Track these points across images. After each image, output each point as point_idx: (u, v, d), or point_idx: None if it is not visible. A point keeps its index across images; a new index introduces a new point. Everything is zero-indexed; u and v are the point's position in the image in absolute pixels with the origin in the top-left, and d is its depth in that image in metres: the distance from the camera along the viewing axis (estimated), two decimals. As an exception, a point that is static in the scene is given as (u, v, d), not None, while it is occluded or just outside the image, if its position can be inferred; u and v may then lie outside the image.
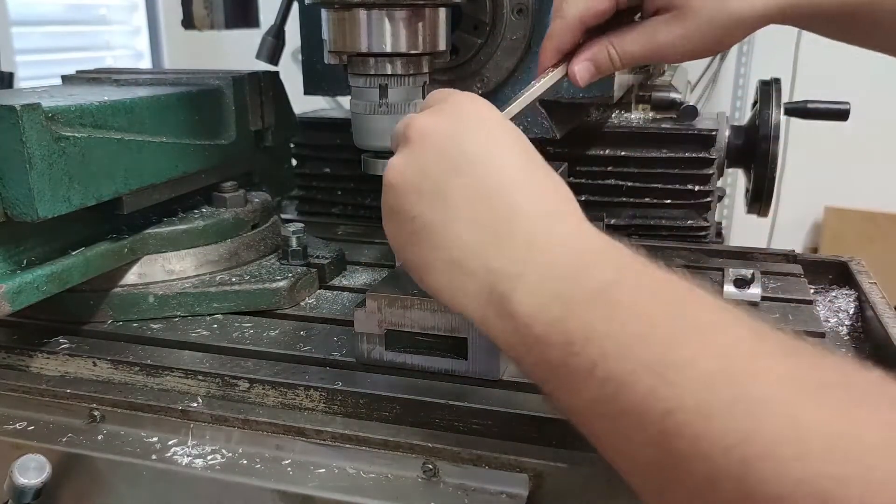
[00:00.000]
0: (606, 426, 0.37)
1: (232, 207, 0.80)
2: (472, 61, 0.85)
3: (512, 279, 0.42)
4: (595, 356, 0.36)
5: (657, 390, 0.34)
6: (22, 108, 0.57)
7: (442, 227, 0.45)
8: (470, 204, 0.44)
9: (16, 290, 0.59)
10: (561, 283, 0.40)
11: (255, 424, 0.57)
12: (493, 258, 0.43)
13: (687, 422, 0.32)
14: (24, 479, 0.52)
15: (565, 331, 0.38)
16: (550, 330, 0.39)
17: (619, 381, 0.35)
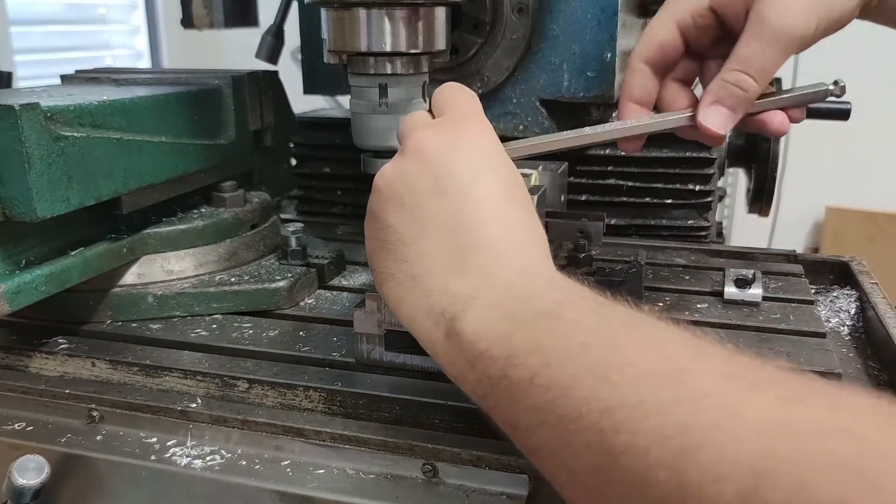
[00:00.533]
0: (545, 434, 0.37)
1: (231, 207, 0.80)
2: (472, 61, 0.85)
3: (465, 301, 0.43)
4: (536, 366, 0.37)
5: (597, 391, 0.34)
6: (21, 108, 0.57)
7: (411, 242, 0.47)
8: (442, 227, 0.46)
9: (14, 290, 0.59)
10: (510, 305, 0.41)
11: (255, 425, 0.57)
12: (451, 280, 0.44)
13: (626, 418, 0.33)
14: (22, 480, 0.52)
15: (509, 345, 0.39)
16: (494, 346, 0.40)
17: (560, 386, 0.36)
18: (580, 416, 0.34)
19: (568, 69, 0.84)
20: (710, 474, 0.29)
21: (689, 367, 0.34)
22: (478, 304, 0.42)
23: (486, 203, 0.46)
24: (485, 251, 0.45)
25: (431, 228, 0.46)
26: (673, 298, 0.76)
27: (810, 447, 0.28)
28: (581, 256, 0.72)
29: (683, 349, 0.35)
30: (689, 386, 0.32)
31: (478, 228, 0.45)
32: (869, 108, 1.64)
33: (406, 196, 0.48)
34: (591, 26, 0.82)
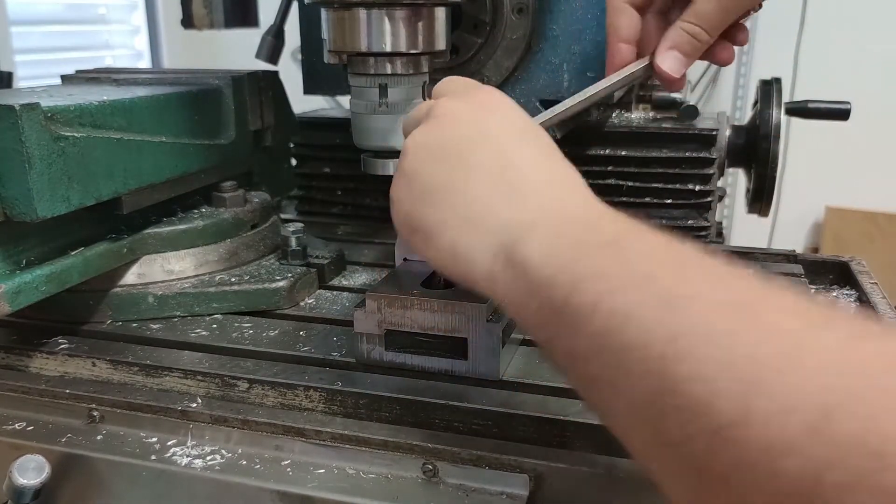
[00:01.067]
0: (605, 362, 0.36)
1: (231, 207, 0.80)
2: (472, 61, 0.85)
3: (525, 228, 0.43)
4: (601, 293, 0.37)
5: (662, 319, 0.33)
6: (21, 108, 0.57)
7: (458, 188, 0.47)
8: (487, 171, 0.47)
9: (15, 290, 0.59)
10: (574, 232, 0.41)
11: (255, 425, 0.57)
12: (509, 213, 0.44)
13: (691, 346, 0.32)
14: (23, 480, 0.52)
15: (573, 272, 0.39)
16: (558, 272, 0.39)
17: (624, 313, 0.35)
18: (643, 344, 0.34)
19: (568, 69, 0.84)
20: (776, 405, 0.28)
21: (758, 301, 0.33)
22: (540, 230, 0.42)
23: (524, 154, 0.48)
24: (538, 185, 0.45)
25: (478, 172, 0.47)
26: (673, 298, 0.76)
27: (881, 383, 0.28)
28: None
29: (753, 285, 0.34)
30: (758, 319, 0.32)
31: (525, 168, 0.46)
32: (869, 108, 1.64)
33: (444, 151, 0.49)
34: (591, 26, 0.82)
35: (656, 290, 0.35)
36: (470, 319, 0.58)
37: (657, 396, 0.33)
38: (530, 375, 0.60)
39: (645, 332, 0.34)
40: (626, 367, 0.34)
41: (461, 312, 0.58)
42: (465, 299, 0.58)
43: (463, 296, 0.59)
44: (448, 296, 0.60)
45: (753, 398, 0.29)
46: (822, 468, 0.26)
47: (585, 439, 0.53)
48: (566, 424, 0.54)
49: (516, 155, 0.47)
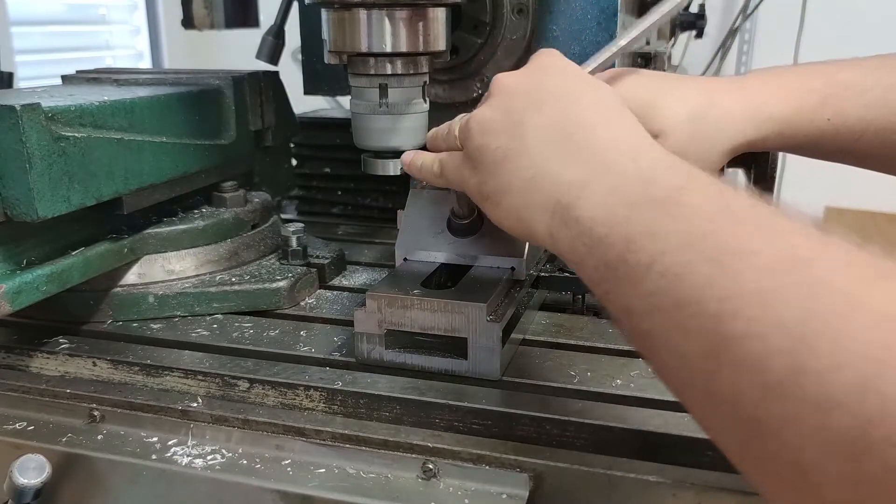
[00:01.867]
0: (659, 319, 0.37)
1: (232, 207, 0.80)
2: (472, 61, 0.85)
3: (578, 188, 0.44)
4: (655, 251, 0.37)
5: (715, 278, 0.34)
6: (22, 108, 0.57)
7: (521, 153, 0.49)
8: (546, 131, 0.49)
9: (16, 290, 0.59)
10: (627, 190, 0.42)
11: (255, 424, 0.57)
12: (562, 173, 0.46)
13: (744, 305, 0.33)
14: (23, 479, 0.52)
15: (627, 231, 0.40)
16: (612, 231, 0.41)
17: (678, 272, 0.36)
18: (697, 301, 0.34)
19: (568, 69, 0.84)
20: (827, 361, 0.29)
21: (811, 256, 0.33)
22: (593, 189, 0.43)
23: (585, 108, 0.49)
24: (594, 141, 0.46)
25: (538, 136, 0.49)
26: (673, 298, 0.76)
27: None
28: (581, 256, 0.72)
29: (807, 238, 0.34)
30: (811, 274, 0.32)
31: (585, 125, 0.48)
32: (869, 108, 1.64)
33: (507, 120, 0.51)
34: (591, 26, 0.82)
35: (709, 248, 0.35)
36: (470, 319, 0.58)
37: (710, 353, 0.33)
38: (530, 375, 0.60)
39: (698, 291, 0.34)
40: (681, 325, 0.35)
41: (461, 312, 0.58)
42: (465, 299, 0.58)
43: (463, 296, 0.59)
44: (448, 296, 0.60)
45: (804, 355, 0.30)
46: (871, 422, 0.27)
47: (585, 439, 0.53)
48: (566, 424, 0.54)
49: (575, 114, 0.49)
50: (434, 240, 0.67)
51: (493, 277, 0.63)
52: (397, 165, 0.72)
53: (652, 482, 0.48)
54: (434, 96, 0.86)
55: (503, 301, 0.62)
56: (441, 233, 0.67)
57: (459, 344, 0.59)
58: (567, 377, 0.59)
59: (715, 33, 2.38)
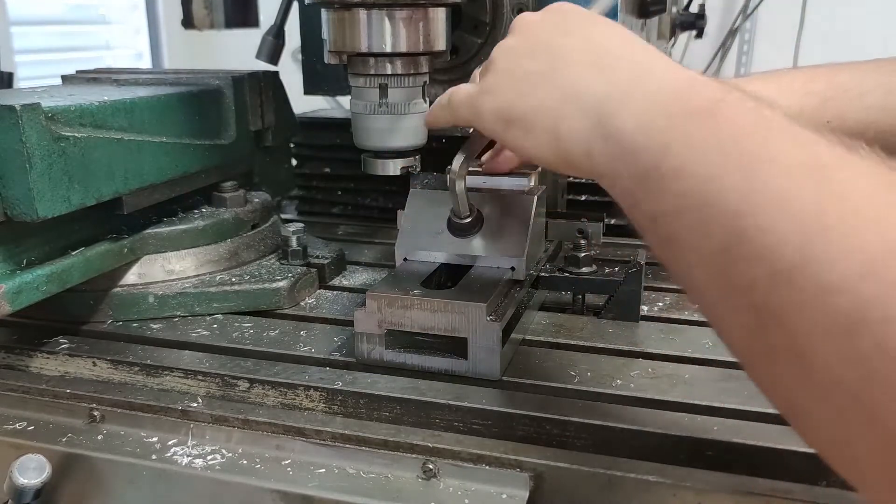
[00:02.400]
0: (684, 220, 0.39)
1: (232, 207, 0.80)
2: (472, 61, 0.85)
3: (619, 101, 0.45)
4: (688, 157, 0.39)
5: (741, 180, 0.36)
6: (22, 108, 0.57)
7: (554, 72, 0.50)
8: (579, 55, 0.49)
9: (16, 290, 0.59)
10: (667, 101, 0.43)
11: (255, 424, 0.57)
12: (601, 87, 0.47)
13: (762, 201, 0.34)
14: (23, 479, 0.52)
15: (663, 139, 0.41)
16: (649, 140, 0.42)
17: (707, 175, 0.38)
18: (720, 201, 0.36)
19: (568, 69, 0.84)
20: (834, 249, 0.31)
21: (834, 165, 0.35)
22: (634, 100, 0.44)
23: (611, 35, 0.50)
24: (629, 60, 0.47)
25: (572, 57, 0.49)
26: (672, 298, 0.76)
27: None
28: (581, 256, 0.72)
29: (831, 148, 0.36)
30: (830, 179, 0.34)
31: (617, 48, 0.49)
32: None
33: (535, 46, 0.52)
34: (590, 27, 0.82)
35: (738, 154, 0.37)
36: (470, 319, 0.58)
37: (727, 247, 0.36)
38: (530, 375, 0.60)
39: (723, 192, 0.36)
40: (703, 223, 0.37)
41: (461, 312, 0.58)
42: (465, 299, 0.58)
43: (463, 296, 0.59)
44: (448, 296, 0.60)
45: (814, 244, 0.32)
46: (869, 305, 0.29)
47: (585, 439, 0.53)
48: (566, 424, 0.54)
49: (603, 39, 0.50)
50: (434, 240, 0.67)
51: (493, 277, 0.63)
52: (397, 165, 0.73)
53: (652, 482, 0.48)
54: (434, 96, 0.86)
55: (503, 301, 0.62)
56: (441, 233, 0.67)
57: (459, 344, 0.59)
58: (567, 377, 0.59)
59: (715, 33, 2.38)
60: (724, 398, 0.55)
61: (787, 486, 0.47)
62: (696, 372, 0.60)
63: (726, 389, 0.57)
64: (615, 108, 0.45)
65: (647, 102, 0.44)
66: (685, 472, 0.49)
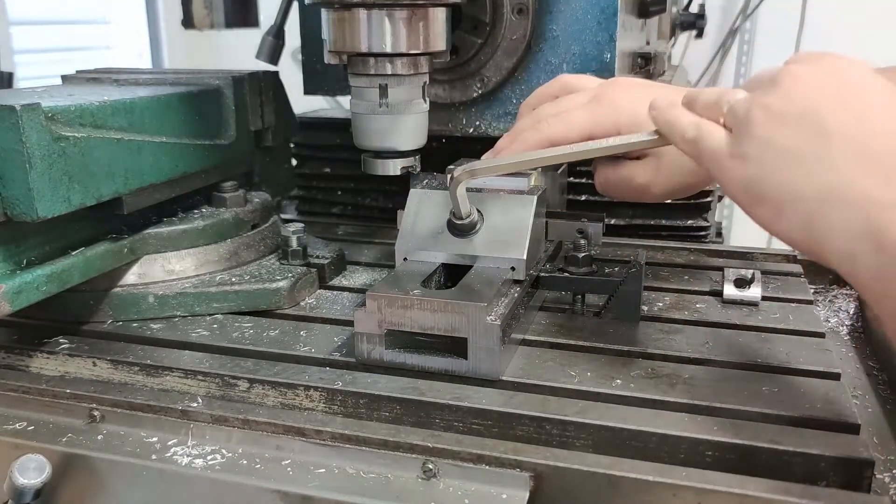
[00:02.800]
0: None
1: (232, 207, 0.80)
2: (472, 61, 0.85)
3: (894, 210, 0.40)
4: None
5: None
6: (22, 108, 0.57)
7: (817, 158, 0.44)
8: (848, 138, 0.44)
9: (16, 290, 0.59)
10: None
11: (255, 424, 0.57)
12: (872, 189, 0.42)
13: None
14: (23, 479, 0.52)
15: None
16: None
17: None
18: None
19: (568, 69, 0.84)
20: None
21: None
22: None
23: (889, 110, 0.45)
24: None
25: (838, 140, 0.44)
26: (672, 298, 0.76)
27: None
28: (581, 256, 0.72)
29: None
30: None
31: (890, 133, 0.43)
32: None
33: (799, 115, 0.46)
34: (591, 27, 0.82)
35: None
36: (470, 319, 0.58)
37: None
38: (530, 375, 0.60)
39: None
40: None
41: (461, 312, 0.58)
42: (465, 299, 0.58)
43: (463, 296, 0.59)
44: (448, 296, 0.60)
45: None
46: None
47: (585, 439, 0.53)
48: (566, 424, 0.54)
49: (881, 120, 0.44)
50: (434, 240, 0.67)
51: (493, 277, 0.63)
52: (397, 165, 0.73)
53: (652, 482, 0.48)
54: (434, 96, 0.86)
55: (503, 301, 0.62)
56: (441, 233, 0.67)
57: (459, 344, 0.59)
58: (567, 377, 0.59)
59: (715, 33, 2.38)
60: (724, 398, 0.55)
61: (787, 486, 0.47)
62: (696, 372, 0.60)
63: (726, 389, 0.57)
64: (888, 222, 0.40)
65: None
66: (685, 472, 0.49)
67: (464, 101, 0.87)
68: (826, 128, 0.45)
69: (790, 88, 0.47)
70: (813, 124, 0.45)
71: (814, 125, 0.45)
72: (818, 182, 0.44)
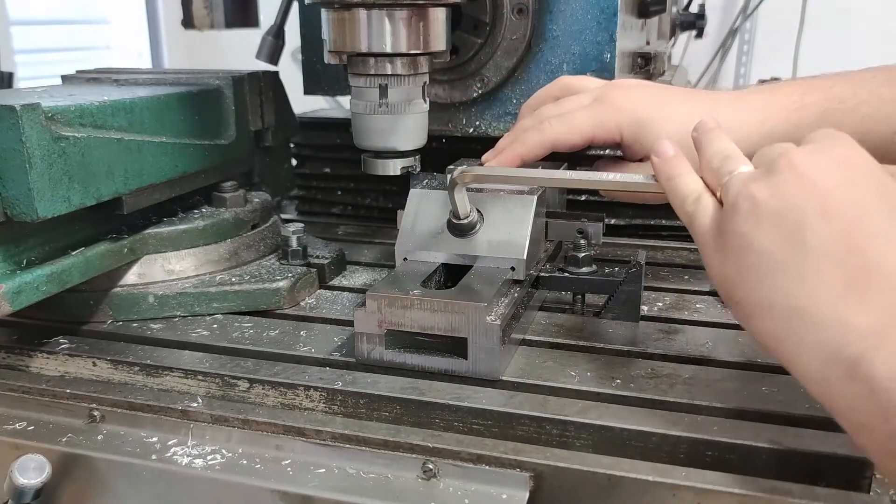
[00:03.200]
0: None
1: (232, 207, 0.80)
2: (472, 61, 0.85)
3: (869, 338, 0.38)
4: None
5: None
6: (22, 108, 0.57)
7: (792, 269, 0.42)
8: (828, 254, 0.41)
9: (16, 290, 0.59)
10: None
11: (255, 424, 0.57)
12: (848, 315, 0.40)
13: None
14: (23, 480, 0.52)
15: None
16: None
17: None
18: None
19: (568, 70, 0.84)
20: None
21: None
22: (890, 342, 0.38)
23: (874, 220, 0.41)
24: (887, 284, 0.40)
25: (816, 254, 0.41)
26: (672, 298, 0.76)
27: None
28: (581, 256, 0.72)
29: None
30: None
31: (874, 256, 0.40)
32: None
33: (783, 217, 0.43)
34: (590, 27, 0.82)
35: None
36: (470, 319, 0.58)
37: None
38: (530, 375, 0.60)
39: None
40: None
41: (461, 312, 0.58)
42: (465, 299, 0.58)
43: (463, 296, 0.59)
44: (448, 296, 0.60)
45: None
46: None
47: (585, 439, 0.53)
48: (566, 424, 0.54)
49: (865, 236, 0.41)
50: (434, 240, 0.67)
51: (493, 277, 0.63)
52: (397, 165, 0.73)
53: (652, 482, 0.48)
54: (434, 96, 0.86)
55: (503, 301, 0.62)
56: (441, 233, 0.67)
57: (459, 344, 0.59)
58: (567, 377, 0.59)
59: (715, 33, 2.38)
60: (724, 398, 0.55)
61: (787, 486, 0.47)
62: (696, 372, 0.60)
63: (726, 389, 0.57)
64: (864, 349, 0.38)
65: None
66: (685, 472, 0.49)
67: (464, 101, 0.87)
68: (804, 237, 0.42)
69: (781, 180, 0.44)
70: (792, 229, 0.43)
71: (793, 231, 0.43)
72: (790, 299, 0.42)
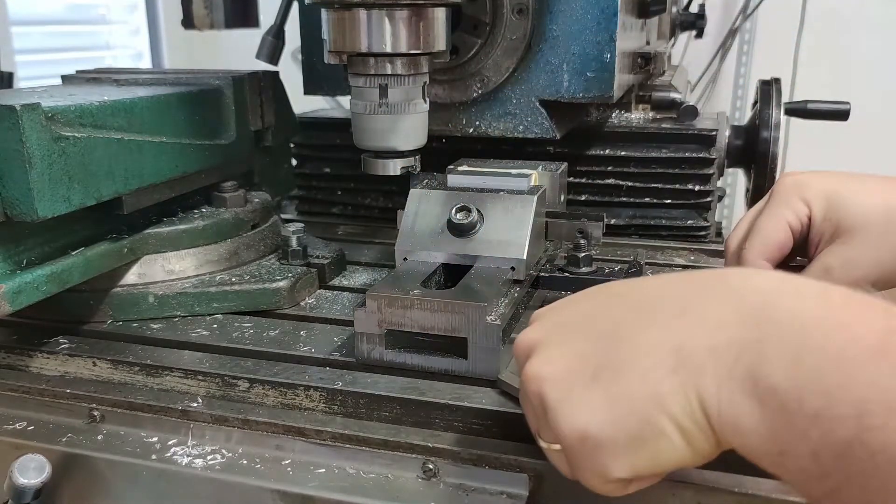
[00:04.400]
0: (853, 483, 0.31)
1: (232, 207, 0.80)
2: (472, 61, 0.85)
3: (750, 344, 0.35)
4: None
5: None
6: (22, 108, 0.57)
7: (621, 344, 0.40)
8: (637, 313, 0.41)
9: (16, 290, 0.59)
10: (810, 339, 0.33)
11: (255, 424, 0.57)
12: (692, 338, 0.37)
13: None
14: (23, 479, 0.52)
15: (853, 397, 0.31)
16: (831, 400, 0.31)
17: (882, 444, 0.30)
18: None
19: (568, 70, 0.84)
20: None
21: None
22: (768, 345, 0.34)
23: (656, 282, 0.43)
24: (703, 304, 0.39)
25: (626, 325, 0.41)
26: (672, 298, 0.76)
27: None
28: (581, 256, 0.72)
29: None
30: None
31: (672, 292, 0.41)
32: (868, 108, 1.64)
33: (585, 342, 0.42)
34: (590, 27, 0.82)
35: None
36: (470, 319, 0.58)
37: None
38: (530, 375, 0.60)
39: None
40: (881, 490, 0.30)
41: (461, 312, 0.58)
42: (465, 299, 0.58)
43: (463, 296, 0.59)
44: (448, 296, 0.60)
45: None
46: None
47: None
48: (566, 424, 0.54)
49: (655, 287, 0.42)
50: (434, 240, 0.67)
51: (493, 277, 0.63)
52: (397, 165, 0.73)
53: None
54: (434, 96, 0.86)
55: (503, 301, 0.62)
56: (441, 233, 0.67)
57: (459, 344, 0.59)
58: (567, 377, 0.59)
59: (715, 33, 2.38)
60: (724, 398, 0.55)
61: (787, 486, 0.47)
62: (695, 372, 0.60)
63: (726, 389, 0.57)
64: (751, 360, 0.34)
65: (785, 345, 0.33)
66: (685, 473, 0.49)
67: (464, 101, 0.87)
68: (615, 327, 0.41)
69: (556, 333, 0.45)
70: (603, 336, 0.42)
71: (605, 335, 0.42)
72: (635, 371, 0.39)
